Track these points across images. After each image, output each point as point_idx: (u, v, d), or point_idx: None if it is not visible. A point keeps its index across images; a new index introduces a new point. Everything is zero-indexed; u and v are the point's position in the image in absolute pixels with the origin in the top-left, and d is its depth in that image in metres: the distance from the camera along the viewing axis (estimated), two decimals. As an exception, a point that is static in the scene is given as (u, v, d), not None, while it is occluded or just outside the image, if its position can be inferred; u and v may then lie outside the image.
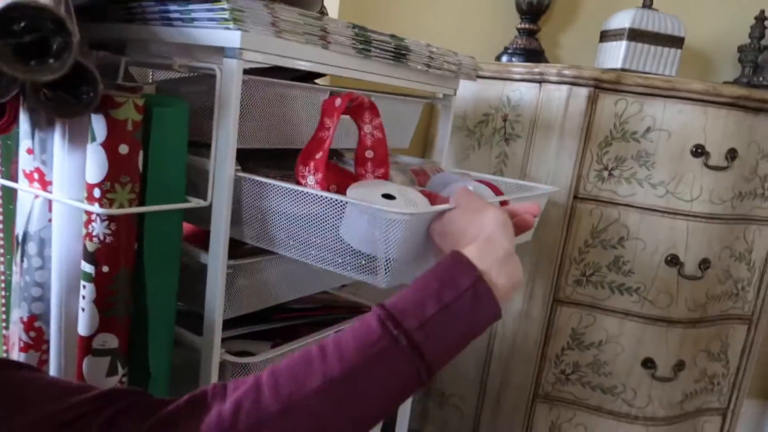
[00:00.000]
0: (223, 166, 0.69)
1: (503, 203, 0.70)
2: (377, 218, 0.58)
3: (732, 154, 1.16)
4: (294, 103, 0.80)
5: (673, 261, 1.19)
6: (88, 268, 0.64)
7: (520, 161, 1.27)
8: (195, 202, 0.70)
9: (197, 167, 0.72)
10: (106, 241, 0.63)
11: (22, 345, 0.72)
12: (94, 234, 0.63)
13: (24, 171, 0.69)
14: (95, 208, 0.62)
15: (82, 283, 0.65)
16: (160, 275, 0.68)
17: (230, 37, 0.65)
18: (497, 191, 0.87)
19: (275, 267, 0.83)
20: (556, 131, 1.20)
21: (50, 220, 0.69)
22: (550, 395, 1.31)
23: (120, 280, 0.65)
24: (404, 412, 1.20)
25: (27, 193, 0.70)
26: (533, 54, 1.45)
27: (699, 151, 1.15)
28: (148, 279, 0.67)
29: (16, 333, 0.74)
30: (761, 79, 1.49)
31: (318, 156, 0.65)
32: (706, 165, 1.15)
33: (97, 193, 0.62)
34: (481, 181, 0.88)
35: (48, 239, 0.70)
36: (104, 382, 0.67)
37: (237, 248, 0.78)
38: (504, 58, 1.46)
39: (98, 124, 0.60)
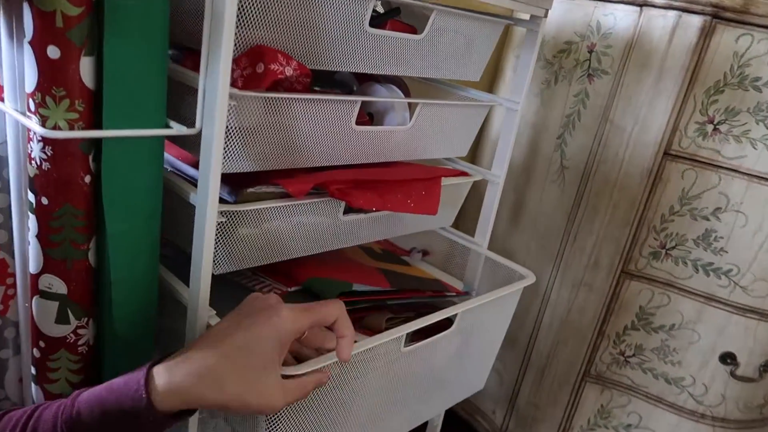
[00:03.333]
0: (214, 83, 0.54)
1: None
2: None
3: None
4: (325, 10, 0.63)
5: (780, 244, 0.96)
6: (30, 196, 0.53)
7: (603, 103, 1.05)
8: (177, 129, 0.56)
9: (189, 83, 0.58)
10: (43, 167, 0.51)
11: (-18, 274, 0.64)
12: (33, 156, 0.52)
13: (-28, 71, 0.58)
14: (33, 124, 0.50)
15: (27, 212, 0.54)
16: (127, 221, 0.56)
17: None
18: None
19: (290, 215, 0.68)
20: (654, 70, 0.97)
21: (3, 134, 0.58)
22: (603, 376, 1.15)
23: (64, 218, 0.53)
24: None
25: (-21, 100, 0.59)
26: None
27: (841, 109, 0.89)
28: (108, 224, 0.55)
29: (-24, 259, 0.66)
30: None
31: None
32: None
33: (32, 105, 0.49)
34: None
35: (6, 157, 0.60)
36: (54, 329, 0.58)
37: (245, 186, 0.65)
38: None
39: (26, 16, 0.47)
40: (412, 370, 0.77)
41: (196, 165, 0.67)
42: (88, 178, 0.53)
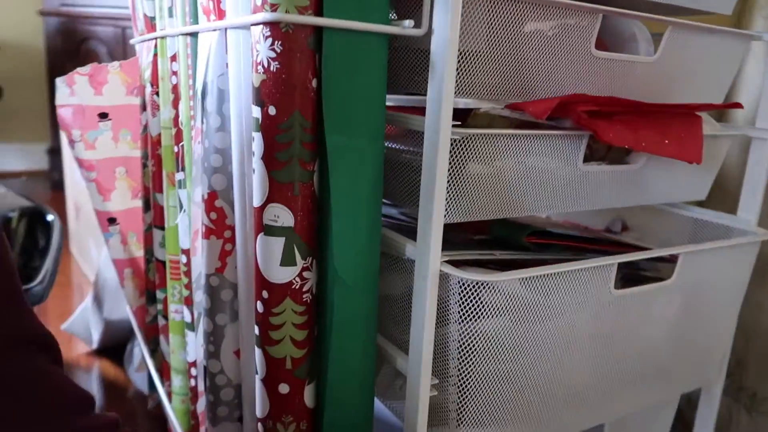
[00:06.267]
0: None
1: None
2: None
3: None
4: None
5: None
6: (255, 111, 0.48)
7: None
8: (405, 26, 0.48)
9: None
10: (271, 68, 0.45)
11: (203, 230, 0.60)
12: (258, 60, 0.46)
13: (201, 4, 0.56)
14: (259, 17, 0.44)
15: (253, 134, 0.49)
16: (347, 134, 0.48)
17: None
18: None
19: (524, 153, 0.56)
20: None
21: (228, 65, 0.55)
22: None
23: (293, 130, 0.47)
24: (707, 416, 0.84)
25: (206, 36, 0.57)
26: None
27: None
28: (328, 136, 0.47)
29: (198, 216, 0.62)
30: None
31: None
32: None
33: (258, -2, 0.44)
34: None
35: (227, 90, 0.56)
36: (279, 273, 0.50)
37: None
38: None
39: None
40: (624, 330, 0.64)
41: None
42: (314, 82, 0.47)
